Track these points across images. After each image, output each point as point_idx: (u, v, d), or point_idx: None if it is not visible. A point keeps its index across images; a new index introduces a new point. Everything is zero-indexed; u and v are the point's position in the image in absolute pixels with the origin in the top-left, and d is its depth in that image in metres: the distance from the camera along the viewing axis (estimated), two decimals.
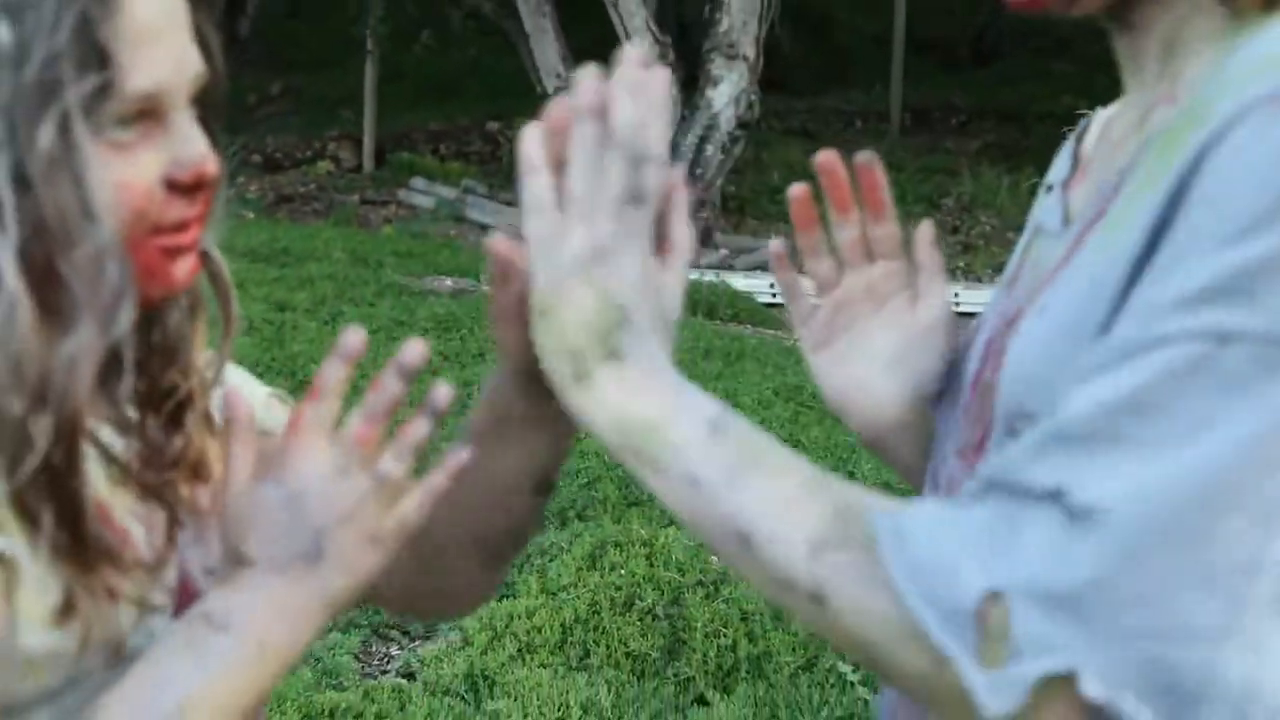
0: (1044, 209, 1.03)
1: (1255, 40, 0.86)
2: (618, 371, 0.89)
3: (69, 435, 0.87)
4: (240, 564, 0.92)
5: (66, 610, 0.89)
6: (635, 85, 0.93)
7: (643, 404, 0.88)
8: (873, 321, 1.10)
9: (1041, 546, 0.77)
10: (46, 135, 0.85)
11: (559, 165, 0.93)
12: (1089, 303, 0.85)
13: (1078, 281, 0.88)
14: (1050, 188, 1.05)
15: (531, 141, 0.93)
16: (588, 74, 0.93)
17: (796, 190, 1.07)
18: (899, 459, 1.12)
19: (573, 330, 0.90)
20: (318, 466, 0.93)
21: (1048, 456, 0.79)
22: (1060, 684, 0.76)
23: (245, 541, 0.93)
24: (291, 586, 0.91)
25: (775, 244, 1.11)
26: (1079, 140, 1.08)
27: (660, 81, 0.94)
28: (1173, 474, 0.76)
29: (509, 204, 10.61)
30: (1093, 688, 0.75)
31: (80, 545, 0.89)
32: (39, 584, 0.88)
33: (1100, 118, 1.08)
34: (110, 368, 0.90)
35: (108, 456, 0.95)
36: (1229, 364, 0.76)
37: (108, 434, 0.96)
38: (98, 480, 0.93)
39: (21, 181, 0.85)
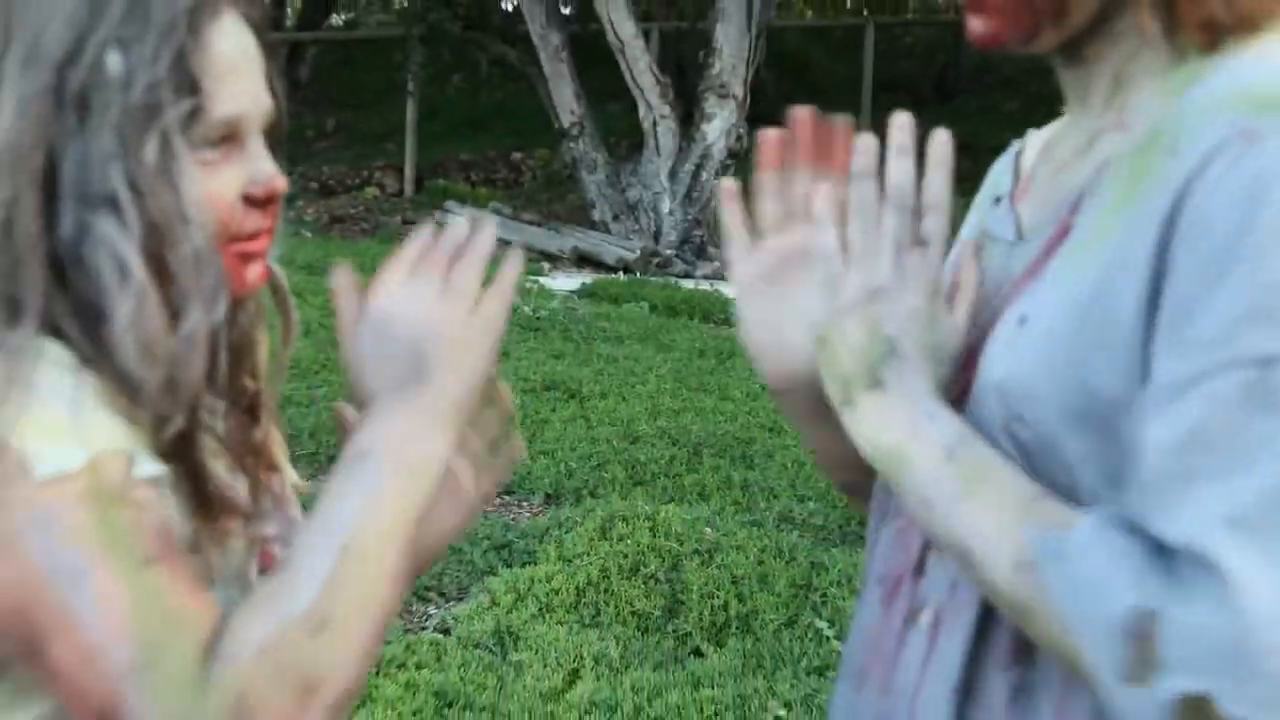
0: (994, 218, 1.00)
1: (1217, 75, 0.84)
2: (878, 399, 0.89)
3: (193, 406, 0.89)
4: (367, 403, 0.93)
5: (193, 551, 0.91)
6: (905, 147, 0.93)
7: (892, 430, 0.87)
8: (810, 287, 0.99)
9: (1175, 579, 0.72)
10: (152, 148, 0.87)
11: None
12: (1088, 319, 0.82)
13: (1060, 296, 0.85)
14: (999, 199, 1.02)
15: (823, 201, 0.94)
16: (866, 142, 0.93)
17: (770, 134, 1.00)
18: (795, 412, 1.07)
19: (844, 359, 0.90)
20: (397, 295, 0.94)
21: (1146, 507, 0.75)
22: (1200, 705, 0.71)
23: (361, 382, 0.94)
24: (412, 402, 0.91)
25: (727, 182, 1.03)
26: (1016, 158, 1.04)
27: (943, 141, 0.93)
28: (1255, 495, 0.72)
29: (529, 223, 10.60)
30: (1236, 708, 0.70)
31: (204, 497, 0.91)
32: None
33: (1038, 137, 1.04)
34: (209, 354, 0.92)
35: (211, 432, 0.97)
36: (1276, 383, 0.73)
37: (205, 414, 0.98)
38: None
39: (135, 188, 0.87)
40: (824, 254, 0.93)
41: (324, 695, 0.82)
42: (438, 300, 0.93)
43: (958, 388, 0.93)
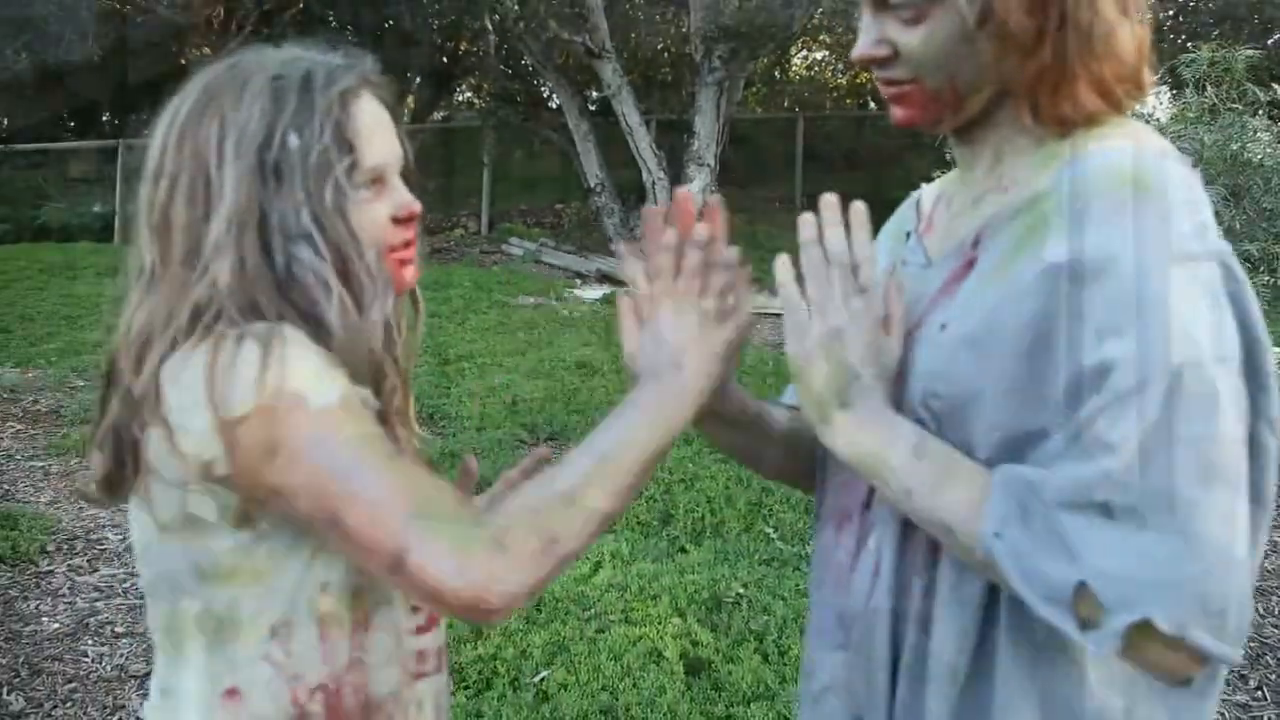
0: (907, 249, 0.95)
1: (1083, 158, 0.79)
2: (849, 416, 0.81)
3: (387, 369, 0.89)
4: (635, 383, 0.89)
5: None
6: (835, 220, 0.85)
7: (867, 440, 0.80)
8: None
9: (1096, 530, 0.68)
10: (328, 194, 0.86)
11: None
12: (989, 329, 0.78)
13: (971, 310, 0.80)
14: (908, 234, 0.97)
15: (783, 268, 0.85)
16: (806, 220, 0.85)
17: (649, 212, 0.92)
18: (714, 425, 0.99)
19: (817, 388, 0.82)
20: (668, 318, 0.88)
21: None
22: (1143, 626, 0.67)
23: (633, 367, 0.89)
24: (668, 385, 0.86)
25: (621, 248, 0.93)
26: (917, 203, 1.00)
27: (859, 209, 0.86)
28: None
29: (568, 252, 10.55)
30: (1168, 625, 0.66)
31: (388, 422, 0.89)
32: None
33: (930, 189, 1.00)
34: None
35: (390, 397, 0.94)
36: (1193, 381, 0.69)
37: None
38: None
39: (319, 225, 0.86)
40: (790, 306, 0.84)
41: (559, 550, 0.80)
42: (696, 326, 0.88)
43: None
